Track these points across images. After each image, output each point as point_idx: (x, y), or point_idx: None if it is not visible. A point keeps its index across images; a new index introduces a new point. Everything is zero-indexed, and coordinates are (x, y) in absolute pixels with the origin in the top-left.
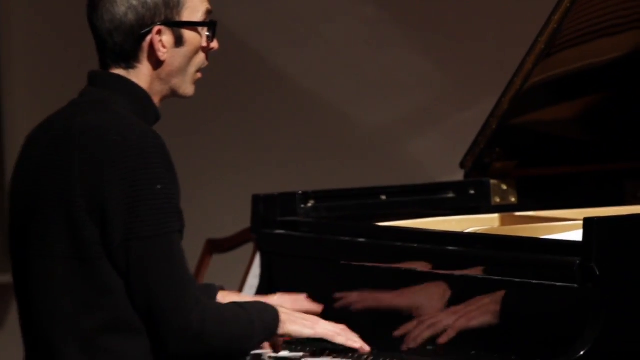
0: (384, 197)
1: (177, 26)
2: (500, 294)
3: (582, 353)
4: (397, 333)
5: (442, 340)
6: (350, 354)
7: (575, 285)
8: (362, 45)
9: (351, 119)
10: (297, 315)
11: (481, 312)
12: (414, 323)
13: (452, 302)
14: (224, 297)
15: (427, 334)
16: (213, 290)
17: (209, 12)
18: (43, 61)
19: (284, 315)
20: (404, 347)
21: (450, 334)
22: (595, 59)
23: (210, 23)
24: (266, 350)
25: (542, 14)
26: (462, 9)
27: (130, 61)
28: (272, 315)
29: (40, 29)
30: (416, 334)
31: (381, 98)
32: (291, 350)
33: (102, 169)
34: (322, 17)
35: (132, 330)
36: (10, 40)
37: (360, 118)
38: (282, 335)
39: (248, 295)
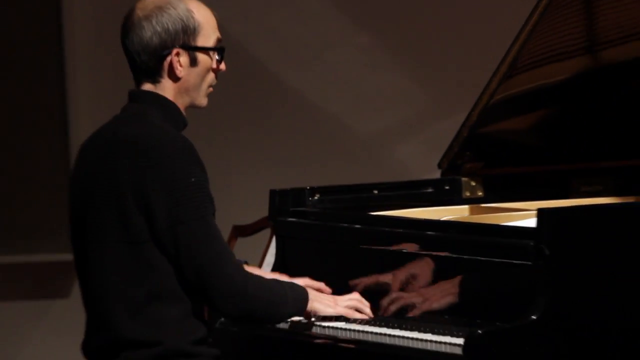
0: (375, 192)
1: (192, 50)
2: (469, 270)
3: (533, 317)
4: (386, 302)
5: (424, 307)
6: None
7: (529, 263)
8: (358, 68)
9: (349, 128)
10: (321, 295)
11: (454, 284)
12: (400, 294)
13: (432, 276)
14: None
15: (410, 302)
16: (240, 263)
17: (219, 40)
18: (104, 73)
19: (311, 294)
20: (392, 313)
21: (430, 302)
22: (547, 80)
23: (219, 48)
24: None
25: (504, 44)
26: (441, 40)
27: (155, 77)
28: (302, 293)
29: (102, 44)
30: (401, 302)
31: (374, 111)
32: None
33: (144, 169)
34: (325, 45)
35: (172, 298)
36: (75, 56)
37: (357, 128)
38: (309, 311)
39: (266, 270)
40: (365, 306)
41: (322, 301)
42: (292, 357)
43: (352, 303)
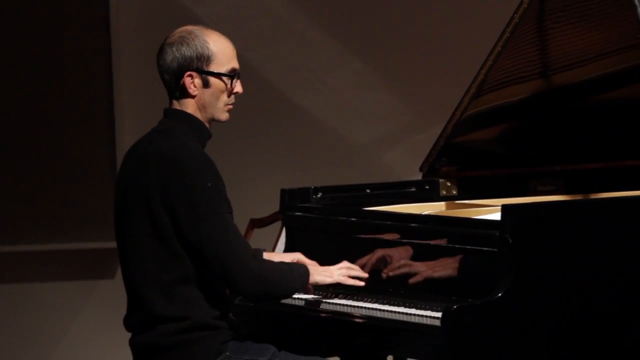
0: (368, 191)
1: (204, 74)
2: (445, 255)
3: (499, 295)
4: (377, 279)
5: (408, 286)
6: (355, 296)
7: (495, 250)
8: (353, 89)
9: (346, 138)
10: (318, 268)
11: (433, 267)
12: (388, 274)
13: (414, 260)
14: (267, 256)
15: (396, 282)
16: (260, 252)
17: (234, 69)
18: (144, 92)
19: (311, 269)
20: (381, 287)
21: (412, 283)
22: (509, 99)
23: (228, 75)
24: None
25: (474, 69)
26: (422, 65)
27: (176, 93)
28: (304, 269)
29: (144, 67)
30: (389, 282)
31: (366, 125)
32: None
33: (168, 179)
34: (325, 69)
35: (197, 281)
36: (121, 78)
37: (352, 138)
38: (311, 284)
39: (280, 253)
40: (355, 270)
41: (321, 273)
42: (299, 326)
43: (344, 271)
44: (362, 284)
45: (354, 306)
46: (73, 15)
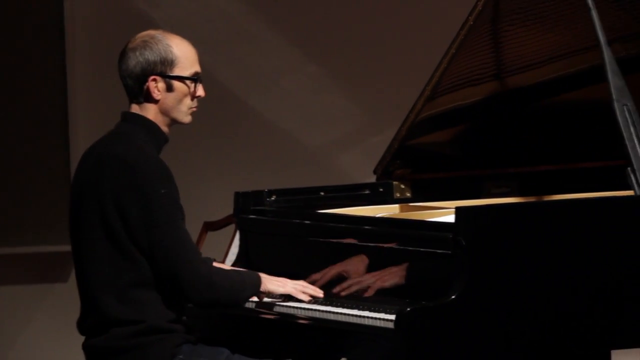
0: (322, 193)
1: (167, 78)
2: (399, 258)
3: (453, 297)
4: (330, 284)
5: (361, 289)
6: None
7: (449, 252)
8: (307, 92)
9: (300, 141)
10: (272, 278)
11: (387, 270)
12: (342, 277)
13: (368, 263)
14: (218, 266)
15: (350, 284)
16: (210, 261)
17: (197, 73)
18: (101, 95)
19: (263, 278)
20: (335, 293)
21: (366, 285)
22: (463, 101)
23: (191, 78)
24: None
25: (428, 71)
26: (375, 68)
27: (139, 98)
28: (256, 277)
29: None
30: (343, 285)
31: (320, 127)
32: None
33: (122, 184)
34: (280, 73)
35: (151, 285)
36: (76, 80)
37: (307, 141)
38: (263, 292)
39: (230, 259)
40: (311, 289)
41: (273, 282)
42: (252, 329)
43: (298, 286)
44: (317, 295)
45: (307, 309)
46: (27, 18)
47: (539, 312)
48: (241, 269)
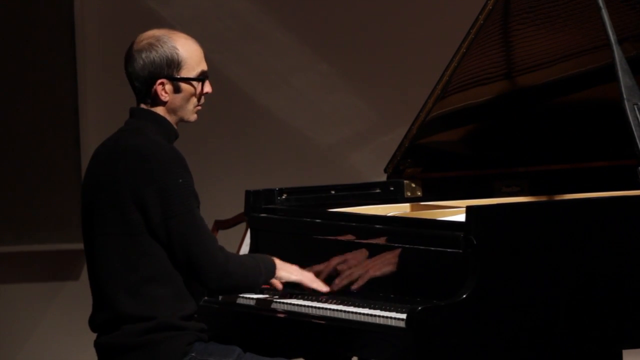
0: (333, 192)
1: (175, 80)
2: (410, 257)
3: (464, 296)
4: (340, 281)
5: (372, 287)
6: (312, 297)
7: (460, 251)
8: (318, 90)
9: (311, 140)
10: (286, 264)
11: (398, 269)
12: (352, 276)
13: (379, 262)
14: None
15: (361, 283)
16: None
17: (203, 72)
18: (110, 94)
19: (278, 264)
20: (344, 290)
21: (377, 283)
22: (473, 100)
23: (197, 79)
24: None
25: (439, 70)
26: (387, 67)
27: (147, 99)
28: (270, 262)
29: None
30: (353, 283)
31: (331, 126)
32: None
33: (139, 174)
34: (291, 71)
35: (164, 281)
36: (86, 79)
37: (317, 139)
38: (277, 278)
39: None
40: (317, 283)
41: (287, 269)
42: (264, 328)
43: (310, 276)
44: (324, 289)
45: (318, 307)
46: (38, 16)
47: (550, 311)
48: (255, 254)
